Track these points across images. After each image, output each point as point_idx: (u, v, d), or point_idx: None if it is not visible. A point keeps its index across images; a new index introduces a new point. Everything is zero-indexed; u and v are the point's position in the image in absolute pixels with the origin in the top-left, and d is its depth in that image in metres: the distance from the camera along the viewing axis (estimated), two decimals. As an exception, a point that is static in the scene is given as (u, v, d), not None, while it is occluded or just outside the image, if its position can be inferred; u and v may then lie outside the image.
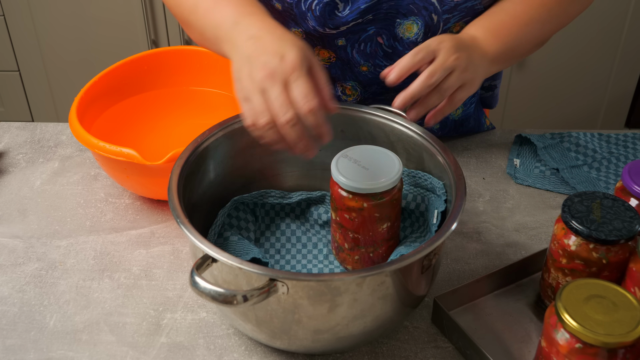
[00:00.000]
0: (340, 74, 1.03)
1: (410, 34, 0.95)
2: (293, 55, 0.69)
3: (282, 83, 0.68)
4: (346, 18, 0.92)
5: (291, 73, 0.68)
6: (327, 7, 0.91)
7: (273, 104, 0.68)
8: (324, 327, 0.72)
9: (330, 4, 0.91)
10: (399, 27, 0.95)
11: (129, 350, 0.81)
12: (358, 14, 0.92)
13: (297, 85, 0.68)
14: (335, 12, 0.92)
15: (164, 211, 1.01)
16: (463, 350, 0.79)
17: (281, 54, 0.70)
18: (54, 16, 2.27)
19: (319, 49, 1.00)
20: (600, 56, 2.29)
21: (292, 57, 0.69)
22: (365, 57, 0.99)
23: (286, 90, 0.68)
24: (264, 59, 0.70)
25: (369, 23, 0.94)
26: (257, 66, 0.70)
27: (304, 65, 0.69)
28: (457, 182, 0.78)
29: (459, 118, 1.11)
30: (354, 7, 0.91)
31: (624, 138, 1.12)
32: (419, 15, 0.93)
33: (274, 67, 0.69)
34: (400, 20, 0.94)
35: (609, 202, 0.77)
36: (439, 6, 0.92)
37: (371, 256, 0.83)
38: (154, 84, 1.15)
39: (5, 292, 0.88)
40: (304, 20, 0.94)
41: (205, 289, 0.66)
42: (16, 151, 1.13)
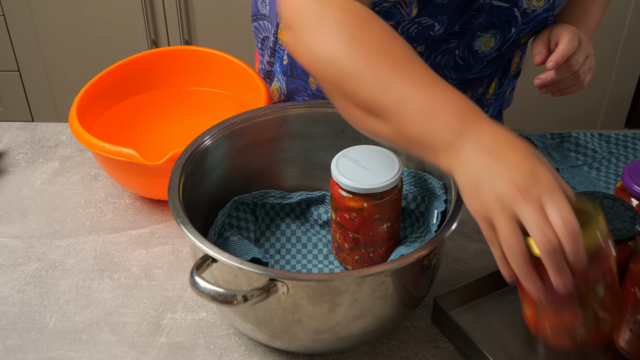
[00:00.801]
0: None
1: (487, 48, 0.97)
2: (545, 172, 0.59)
3: (538, 202, 0.57)
4: (437, 35, 0.93)
5: (548, 192, 0.58)
6: (424, 30, 0.92)
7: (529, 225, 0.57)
8: (324, 327, 0.72)
9: (428, 27, 0.91)
10: (477, 39, 0.96)
11: (129, 350, 0.81)
12: (445, 27, 0.92)
13: (555, 205, 0.57)
14: (430, 33, 0.92)
15: (164, 211, 1.01)
16: (463, 350, 0.79)
17: (531, 170, 0.59)
18: (54, 16, 2.27)
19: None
20: (600, 56, 2.28)
21: (544, 173, 0.59)
22: (435, 67, 0.98)
23: (543, 212, 0.57)
24: (509, 175, 0.58)
25: (454, 36, 0.95)
26: (500, 182, 0.58)
27: (559, 185, 0.59)
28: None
29: None
30: (448, 28, 0.92)
31: (624, 138, 1.12)
32: (499, 29, 0.95)
33: (524, 184, 0.58)
34: (481, 33, 0.95)
35: (609, 202, 0.77)
36: (521, 19, 0.94)
37: (371, 256, 0.83)
38: (154, 84, 1.15)
39: (5, 292, 0.88)
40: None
41: (205, 289, 0.66)
42: (16, 151, 1.13)
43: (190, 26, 2.26)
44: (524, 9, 0.94)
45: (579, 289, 0.61)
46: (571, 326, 0.63)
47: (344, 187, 0.78)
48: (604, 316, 0.63)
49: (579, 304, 0.62)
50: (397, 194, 0.80)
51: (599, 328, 0.64)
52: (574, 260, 0.57)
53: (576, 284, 0.60)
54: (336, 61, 0.66)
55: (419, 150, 0.65)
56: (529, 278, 0.59)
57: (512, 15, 0.94)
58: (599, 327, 0.64)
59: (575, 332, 0.64)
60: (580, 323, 0.63)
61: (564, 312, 0.63)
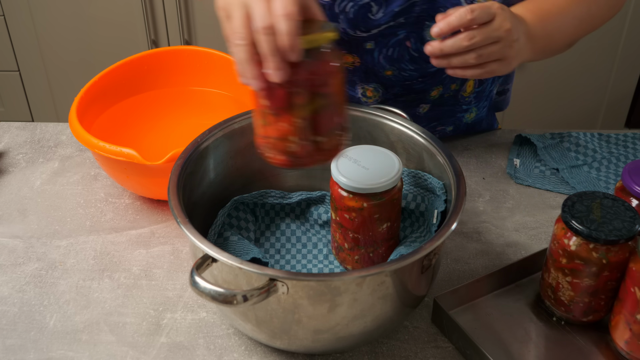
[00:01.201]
0: (363, 77, 1.03)
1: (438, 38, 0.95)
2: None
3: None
4: (379, 21, 0.93)
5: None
6: (361, 10, 0.92)
7: (254, 12, 0.64)
8: (324, 327, 0.72)
9: (364, 7, 0.91)
10: (427, 29, 0.95)
11: (129, 350, 0.81)
12: (391, 17, 0.92)
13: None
14: (369, 16, 0.92)
15: (164, 211, 1.01)
16: (463, 350, 0.79)
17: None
18: (54, 16, 2.27)
19: (343, 55, 1.00)
20: (600, 56, 2.28)
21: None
22: (391, 61, 0.99)
23: (268, 2, 0.64)
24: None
25: (400, 27, 0.95)
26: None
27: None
28: (457, 182, 0.78)
29: (472, 121, 1.12)
30: (387, 10, 0.92)
31: (624, 138, 1.12)
32: None
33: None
34: (430, 23, 0.94)
35: (609, 202, 0.77)
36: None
37: (371, 256, 0.83)
38: (154, 84, 1.15)
39: (5, 292, 0.88)
40: (336, 22, 0.94)
41: (205, 289, 0.66)
42: (16, 151, 1.13)
43: (190, 26, 2.26)
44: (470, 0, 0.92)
45: (297, 92, 0.64)
46: (285, 137, 0.66)
47: (344, 187, 0.78)
48: (322, 137, 0.67)
49: (296, 113, 0.65)
50: (397, 194, 0.80)
51: (317, 146, 0.67)
52: (288, 41, 0.62)
53: (294, 84, 0.64)
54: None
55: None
56: (248, 64, 0.64)
57: (458, 3, 0.92)
58: (318, 145, 0.67)
59: (289, 145, 0.66)
60: (296, 135, 0.65)
61: (283, 118, 0.65)
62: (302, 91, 0.65)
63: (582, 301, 0.78)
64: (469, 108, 1.10)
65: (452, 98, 1.07)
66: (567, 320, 0.82)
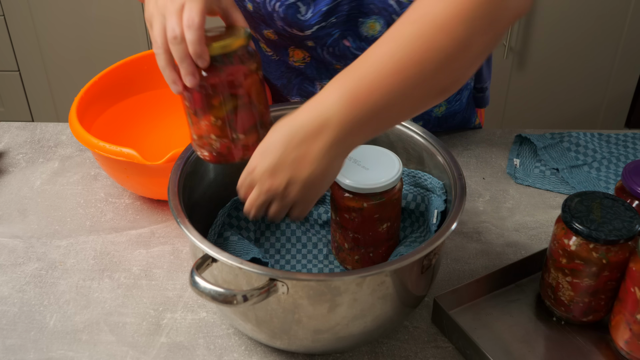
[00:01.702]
0: (316, 74, 1.03)
1: (375, 32, 0.94)
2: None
3: (180, 6, 0.70)
4: (309, 22, 0.92)
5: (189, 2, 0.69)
6: (289, 10, 0.92)
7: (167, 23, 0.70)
8: (324, 327, 0.72)
9: (292, 7, 0.91)
10: (362, 26, 0.94)
11: (129, 350, 0.81)
12: (320, 17, 0.92)
13: (189, 7, 0.69)
14: (298, 16, 0.92)
15: (164, 211, 1.01)
16: (463, 350, 0.79)
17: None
18: (54, 16, 2.27)
19: (294, 49, 1.00)
20: (600, 56, 2.29)
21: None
22: (336, 58, 0.99)
23: (180, 12, 0.69)
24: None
25: (333, 26, 0.94)
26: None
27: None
28: (457, 182, 0.78)
29: (442, 115, 1.10)
30: (315, 10, 0.92)
31: (624, 138, 1.12)
32: (380, 15, 0.93)
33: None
34: (363, 20, 0.94)
35: (609, 202, 0.77)
36: (397, 7, 0.91)
37: (371, 256, 0.83)
38: (154, 84, 1.15)
39: (5, 292, 0.88)
40: (272, 20, 0.94)
41: (205, 289, 0.66)
42: (16, 151, 1.13)
43: (190, 26, 2.26)
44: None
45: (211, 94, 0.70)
46: (208, 135, 0.72)
47: (344, 187, 0.78)
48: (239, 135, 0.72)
49: (212, 113, 0.71)
50: (397, 194, 0.80)
51: (237, 143, 0.73)
52: (193, 49, 0.68)
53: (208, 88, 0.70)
54: None
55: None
56: (166, 70, 0.70)
57: (386, 2, 0.90)
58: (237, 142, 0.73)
59: (212, 142, 0.73)
60: (216, 134, 0.72)
61: (203, 118, 0.72)
62: (216, 93, 0.70)
63: (582, 301, 0.78)
64: (440, 105, 1.09)
65: None
66: (567, 320, 0.82)
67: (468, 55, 0.67)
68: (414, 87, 0.66)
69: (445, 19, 0.65)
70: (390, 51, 0.65)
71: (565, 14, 2.20)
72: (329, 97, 0.66)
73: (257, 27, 0.99)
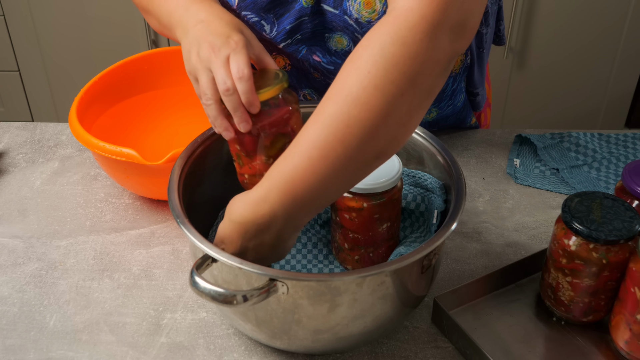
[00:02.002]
0: (296, 83, 1.03)
1: (342, 45, 0.94)
2: (238, 37, 0.75)
3: (225, 58, 0.74)
4: (275, 39, 0.93)
5: (233, 49, 0.74)
6: (255, 27, 0.93)
7: (216, 76, 0.73)
8: (324, 327, 0.72)
9: (257, 24, 0.92)
10: (329, 41, 0.95)
11: (129, 350, 0.81)
12: (285, 35, 0.93)
13: (235, 59, 0.73)
14: (264, 34, 0.93)
15: (164, 211, 1.01)
16: (463, 350, 0.79)
17: (227, 35, 0.75)
18: (54, 16, 2.27)
19: (275, 56, 1.00)
20: (600, 56, 2.29)
21: (236, 38, 0.75)
22: (313, 68, 0.99)
23: (227, 64, 0.73)
24: (211, 39, 0.75)
25: (300, 43, 0.95)
26: (204, 46, 0.75)
27: (246, 45, 0.75)
28: (457, 182, 0.78)
29: (433, 120, 1.10)
30: (280, 28, 0.92)
31: (624, 138, 1.12)
32: (343, 32, 0.93)
33: (219, 46, 0.74)
34: (329, 35, 0.94)
35: (609, 202, 0.77)
36: (358, 27, 0.90)
37: (371, 256, 0.83)
38: (154, 84, 1.15)
39: (5, 292, 0.88)
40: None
41: (205, 289, 0.66)
42: (16, 151, 1.13)
43: (190, 26, 2.26)
44: (355, 18, 0.89)
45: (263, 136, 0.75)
46: (261, 173, 0.76)
47: (344, 187, 0.78)
48: None
49: (265, 153, 0.76)
50: (397, 194, 0.80)
51: None
52: (246, 99, 0.72)
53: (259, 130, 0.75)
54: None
55: (169, 30, 0.84)
56: (219, 121, 0.74)
57: (346, 22, 0.90)
58: None
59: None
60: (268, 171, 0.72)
61: (255, 159, 0.77)
62: (267, 135, 0.76)
63: (582, 301, 0.78)
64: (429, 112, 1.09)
65: None
66: (567, 320, 0.82)
67: (393, 120, 0.65)
68: (345, 165, 0.65)
69: (358, 91, 0.64)
70: (315, 133, 0.65)
71: (565, 14, 2.20)
72: (269, 196, 0.67)
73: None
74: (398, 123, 0.65)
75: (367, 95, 0.63)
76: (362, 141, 0.64)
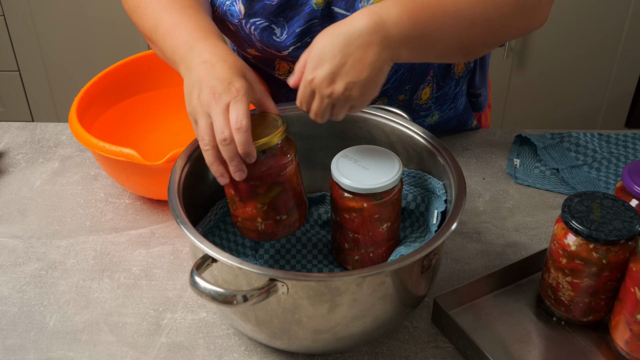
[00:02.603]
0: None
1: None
2: (240, 84, 0.73)
3: (225, 106, 0.72)
4: (284, 43, 0.93)
5: (234, 97, 0.72)
6: (264, 32, 0.92)
7: (215, 124, 0.72)
8: (324, 327, 0.72)
9: (267, 29, 0.92)
10: None
11: (129, 350, 0.81)
12: (295, 38, 0.92)
13: (235, 108, 0.72)
14: (273, 37, 0.93)
15: (164, 211, 1.01)
16: (463, 350, 0.79)
17: (229, 81, 0.73)
18: (54, 16, 2.27)
19: (280, 62, 1.00)
20: (600, 56, 2.29)
21: (238, 85, 0.73)
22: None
23: (227, 113, 0.72)
24: (212, 84, 0.73)
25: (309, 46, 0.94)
26: (205, 90, 0.73)
27: (247, 93, 0.73)
28: (457, 182, 0.78)
29: (436, 123, 1.11)
30: (290, 32, 0.92)
31: (624, 138, 1.12)
32: None
33: (220, 92, 0.73)
34: None
35: (609, 202, 0.77)
36: None
37: (371, 256, 0.83)
38: (154, 84, 1.15)
39: (5, 292, 0.88)
40: (252, 41, 0.95)
41: (205, 289, 0.66)
42: (16, 151, 1.13)
43: (190, 26, 2.26)
44: None
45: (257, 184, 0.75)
46: (254, 219, 0.78)
47: (344, 187, 0.78)
48: (282, 216, 0.78)
49: (259, 200, 0.77)
50: (397, 194, 0.80)
51: (280, 223, 0.79)
52: (243, 150, 0.72)
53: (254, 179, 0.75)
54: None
55: (173, 64, 0.82)
56: (216, 167, 0.74)
57: None
58: (280, 222, 0.79)
59: (257, 225, 0.78)
60: (261, 217, 0.77)
61: (248, 205, 0.77)
62: (262, 183, 0.76)
63: (582, 301, 0.78)
64: (428, 113, 1.09)
65: (405, 107, 1.05)
66: (567, 320, 0.82)
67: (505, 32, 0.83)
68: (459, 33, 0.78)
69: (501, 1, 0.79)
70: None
71: (566, 14, 2.20)
72: (389, 9, 0.74)
73: (241, 45, 0.99)
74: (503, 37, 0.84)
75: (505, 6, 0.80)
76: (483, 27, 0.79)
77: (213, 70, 0.75)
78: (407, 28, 0.74)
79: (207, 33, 0.80)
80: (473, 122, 1.16)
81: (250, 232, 0.80)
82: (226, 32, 0.98)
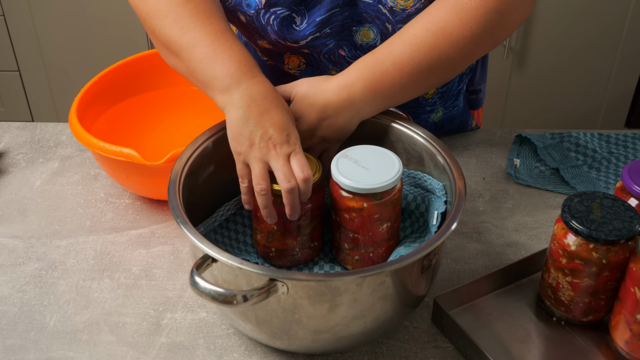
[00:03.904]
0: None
1: (369, 39, 0.95)
2: (295, 134, 0.78)
3: (286, 157, 0.76)
4: (304, 32, 0.93)
5: (293, 149, 0.77)
6: (284, 22, 0.92)
7: (278, 173, 0.76)
8: (324, 327, 0.72)
9: (287, 18, 0.92)
10: (356, 34, 0.95)
11: (129, 350, 0.81)
12: (315, 27, 0.92)
13: (296, 159, 0.76)
14: (293, 26, 0.93)
15: (164, 211, 1.01)
16: (463, 350, 0.79)
17: (287, 132, 0.77)
18: (54, 16, 2.27)
19: (289, 56, 1.00)
20: (600, 56, 2.29)
21: (294, 137, 0.77)
22: (333, 63, 0.99)
23: (288, 163, 0.76)
24: (270, 133, 0.76)
25: (328, 37, 0.94)
26: (264, 138, 0.76)
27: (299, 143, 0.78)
28: (457, 182, 0.78)
29: (440, 120, 1.11)
30: (310, 20, 0.92)
31: (624, 138, 1.12)
32: (373, 23, 0.93)
33: (280, 143, 0.76)
34: (357, 28, 0.94)
35: (609, 202, 0.77)
36: (391, 16, 0.91)
37: (371, 256, 0.83)
38: (154, 84, 1.15)
39: (5, 292, 0.88)
40: (266, 32, 0.94)
41: (205, 289, 0.66)
42: (16, 151, 1.13)
43: (190, 26, 2.26)
44: (390, 6, 0.90)
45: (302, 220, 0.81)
46: (292, 249, 0.83)
47: (344, 187, 0.78)
48: (315, 243, 0.85)
49: (300, 233, 0.82)
50: (397, 194, 0.80)
51: (313, 249, 0.85)
52: (305, 197, 0.77)
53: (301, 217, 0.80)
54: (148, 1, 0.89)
55: (204, 88, 0.82)
56: (269, 210, 0.78)
57: (379, 11, 0.91)
58: (313, 248, 0.85)
59: (295, 254, 0.84)
60: (299, 247, 0.83)
61: (288, 238, 0.82)
62: (306, 218, 0.81)
63: (582, 301, 0.78)
64: (433, 109, 1.09)
65: (413, 101, 1.06)
66: (567, 320, 0.82)
67: (470, 61, 0.87)
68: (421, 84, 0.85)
69: (458, 36, 0.83)
70: (411, 55, 0.83)
71: (565, 14, 2.20)
72: (354, 86, 0.83)
73: (252, 37, 0.99)
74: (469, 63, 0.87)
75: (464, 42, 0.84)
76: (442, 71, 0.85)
77: (268, 116, 0.77)
78: (371, 99, 0.84)
79: (252, 67, 0.81)
80: (473, 122, 1.16)
81: (285, 261, 0.84)
82: (236, 22, 0.98)
